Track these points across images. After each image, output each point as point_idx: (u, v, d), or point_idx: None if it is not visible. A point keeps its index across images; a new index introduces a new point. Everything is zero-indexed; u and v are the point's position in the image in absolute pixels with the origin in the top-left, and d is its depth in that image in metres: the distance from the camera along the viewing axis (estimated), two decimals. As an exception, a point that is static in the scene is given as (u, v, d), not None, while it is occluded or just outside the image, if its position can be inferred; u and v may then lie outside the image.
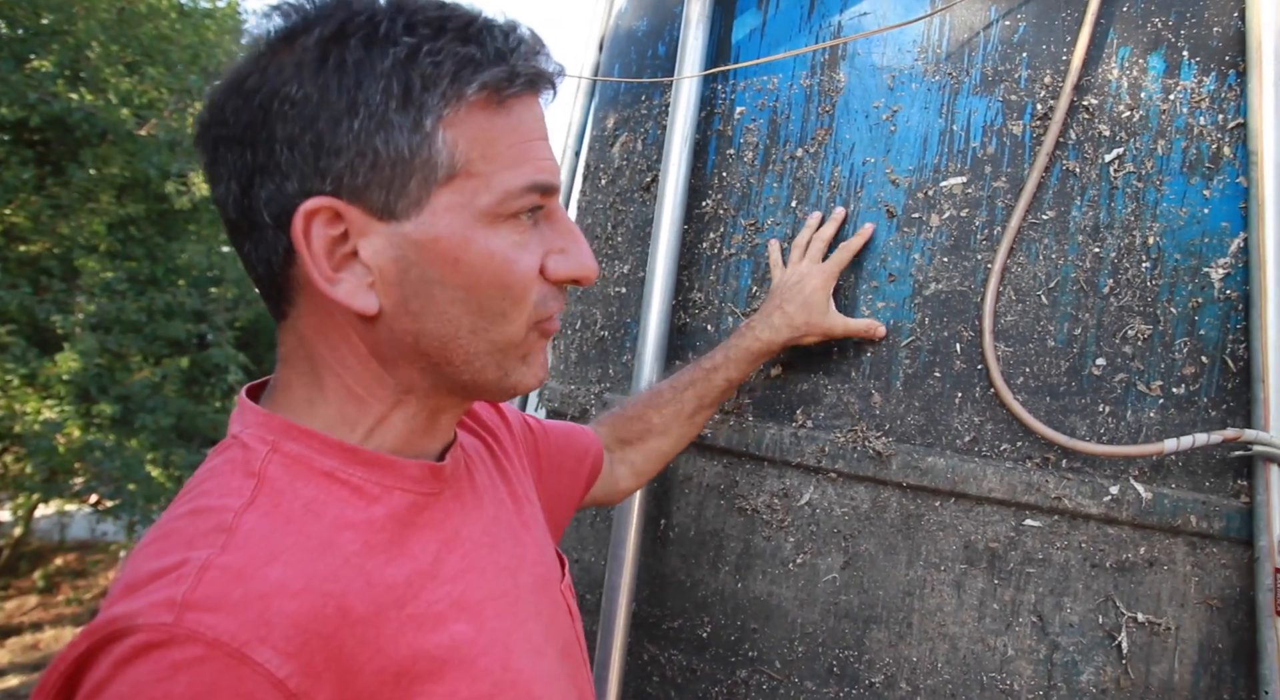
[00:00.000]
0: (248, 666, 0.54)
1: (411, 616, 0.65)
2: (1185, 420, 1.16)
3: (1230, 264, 1.18)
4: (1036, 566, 1.15)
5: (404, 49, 0.63)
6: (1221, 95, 1.19)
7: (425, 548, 0.69)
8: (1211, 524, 1.14)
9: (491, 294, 0.67)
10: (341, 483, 0.67)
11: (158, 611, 0.54)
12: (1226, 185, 1.19)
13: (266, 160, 0.64)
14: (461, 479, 0.78)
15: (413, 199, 0.64)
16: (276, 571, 0.59)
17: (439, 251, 0.65)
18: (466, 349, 0.68)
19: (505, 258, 0.67)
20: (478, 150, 0.65)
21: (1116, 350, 1.16)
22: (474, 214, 0.65)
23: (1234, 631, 1.14)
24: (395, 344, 0.68)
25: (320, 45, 0.63)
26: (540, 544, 0.86)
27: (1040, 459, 1.16)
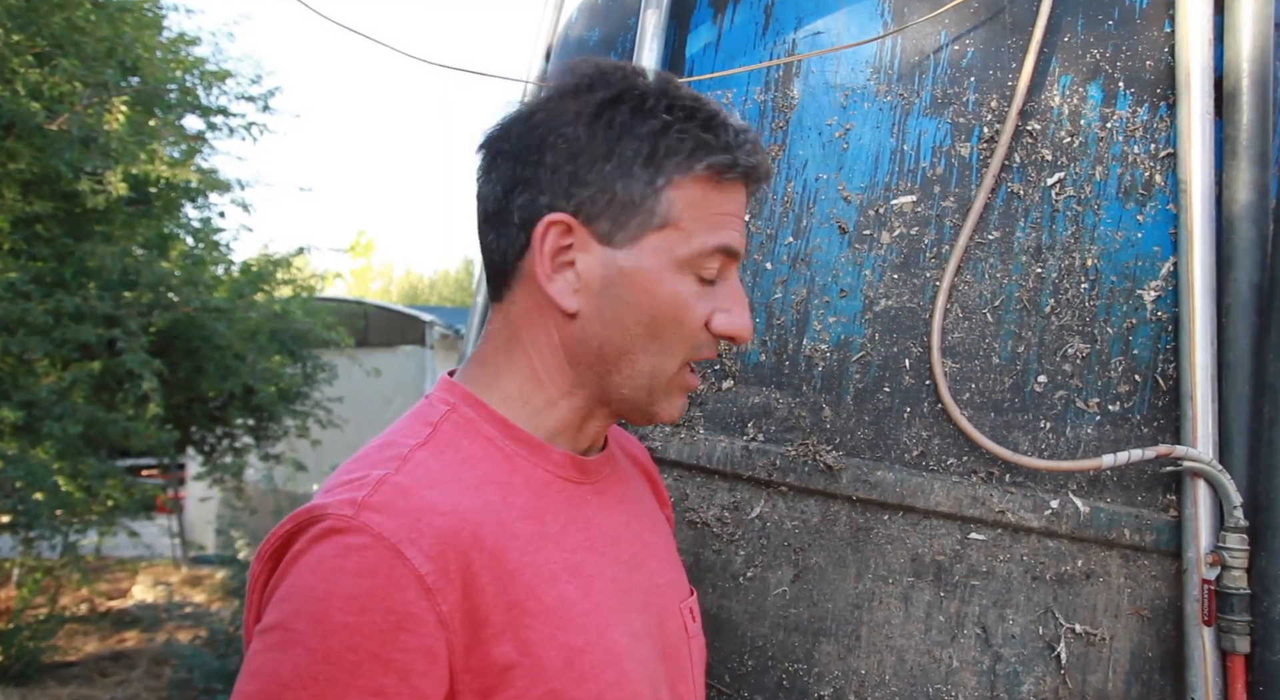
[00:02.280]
0: (399, 558, 0.70)
1: (530, 563, 0.77)
2: (1120, 436, 1.20)
3: (1161, 286, 1.23)
4: (981, 579, 1.17)
5: (659, 122, 0.81)
6: (1154, 125, 1.25)
7: (555, 518, 0.82)
8: (1143, 537, 1.18)
9: (667, 325, 0.82)
10: (498, 448, 0.84)
11: (343, 507, 0.72)
12: (1158, 211, 1.24)
13: (531, 176, 0.82)
14: (605, 480, 0.91)
15: (630, 235, 0.81)
16: (433, 495, 0.75)
17: (637, 280, 0.81)
18: (635, 364, 0.83)
19: (685, 300, 0.82)
20: (690, 212, 0.81)
21: (1057, 368, 1.20)
22: (672, 259, 0.81)
23: (1163, 641, 1.19)
24: (582, 344, 0.84)
25: (599, 103, 0.82)
26: (668, 561, 0.96)
27: (985, 473, 1.18)
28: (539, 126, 0.83)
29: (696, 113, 0.82)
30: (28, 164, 4.51)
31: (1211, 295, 1.20)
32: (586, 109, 0.82)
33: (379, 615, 0.68)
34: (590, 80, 0.84)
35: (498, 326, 0.89)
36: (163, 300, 5.27)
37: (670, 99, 0.82)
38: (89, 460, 4.70)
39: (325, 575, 0.70)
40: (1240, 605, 1.12)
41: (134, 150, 4.61)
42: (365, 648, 0.68)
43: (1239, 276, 1.21)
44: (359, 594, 0.68)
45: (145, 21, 5.91)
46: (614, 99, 0.82)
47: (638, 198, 0.81)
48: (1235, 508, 1.14)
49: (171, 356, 5.78)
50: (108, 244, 5.25)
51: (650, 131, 0.81)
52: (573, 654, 0.77)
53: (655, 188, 0.81)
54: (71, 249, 5.10)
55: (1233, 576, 1.12)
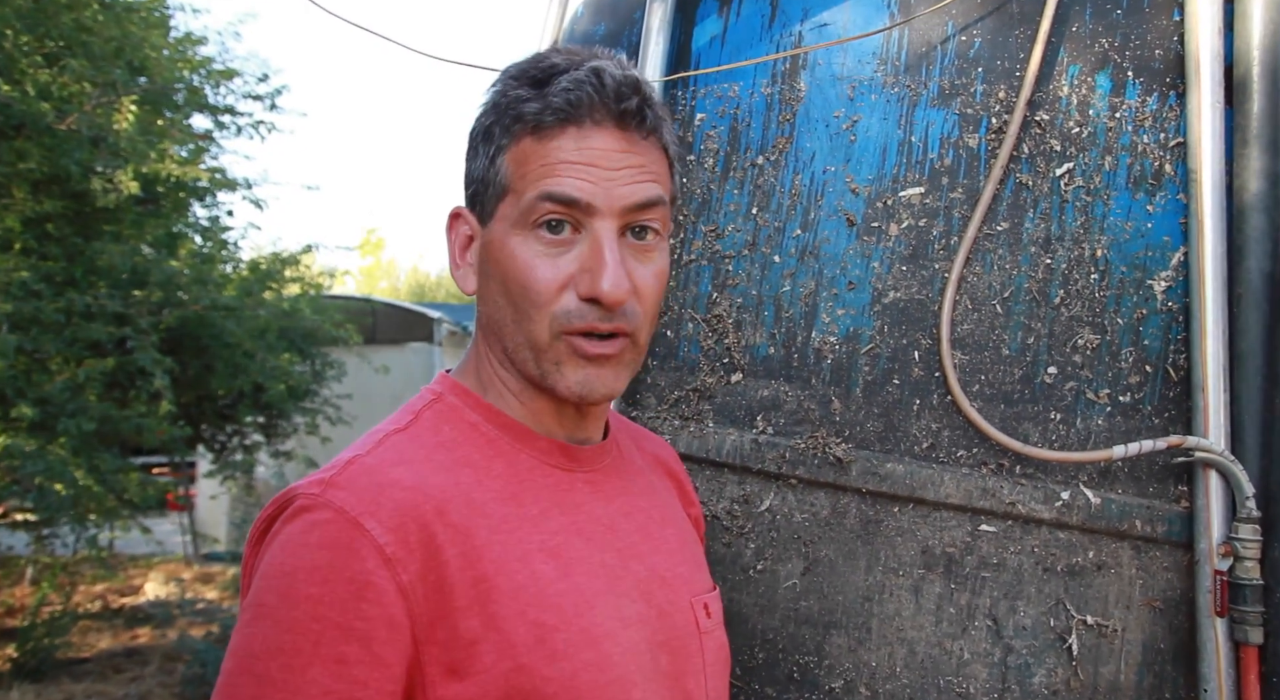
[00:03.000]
0: (359, 530, 0.73)
1: (500, 542, 0.78)
2: (1130, 427, 1.20)
3: (1171, 277, 1.22)
4: (991, 571, 1.17)
5: (493, 96, 0.86)
6: (1163, 114, 1.24)
7: (535, 501, 0.83)
8: (1155, 528, 1.18)
9: (517, 291, 0.82)
10: (480, 434, 0.86)
11: (313, 486, 0.76)
12: (1168, 201, 1.23)
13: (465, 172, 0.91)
14: (603, 470, 0.91)
15: (489, 211, 0.86)
16: (398, 472, 0.78)
17: (493, 252, 0.84)
18: (512, 337, 0.84)
19: (527, 263, 0.82)
20: (518, 171, 0.83)
21: (1067, 359, 1.20)
22: (511, 223, 0.83)
23: (1174, 632, 1.18)
24: (484, 321, 0.88)
25: (480, 118, 0.88)
26: (678, 554, 0.94)
27: (995, 465, 1.18)
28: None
29: (527, 73, 0.84)
30: (38, 163, 4.53)
31: (1223, 285, 1.20)
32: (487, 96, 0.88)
33: (340, 585, 0.71)
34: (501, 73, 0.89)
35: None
36: (172, 299, 5.29)
37: (520, 69, 0.86)
38: (104, 455, 4.73)
39: (293, 550, 0.73)
40: (1253, 596, 1.11)
41: (144, 149, 4.63)
42: (328, 617, 0.70)
43: (1250, 266, 1.20)
44: (321, 565, 0.71)
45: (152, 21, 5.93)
46: (482, 107, 0.88)
47: (486, 174, 0.85)
48: (1247, 498, 1.13)
49: (181, 354, 5.81)
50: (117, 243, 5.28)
51: (488, 107, 0.86)
52: (544, 631, 0.77)
53: (491, 159, 0.84)
54: (82, 248, 5.12)
55: (1245, 567, 1.12)
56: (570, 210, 0.81)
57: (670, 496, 1.01)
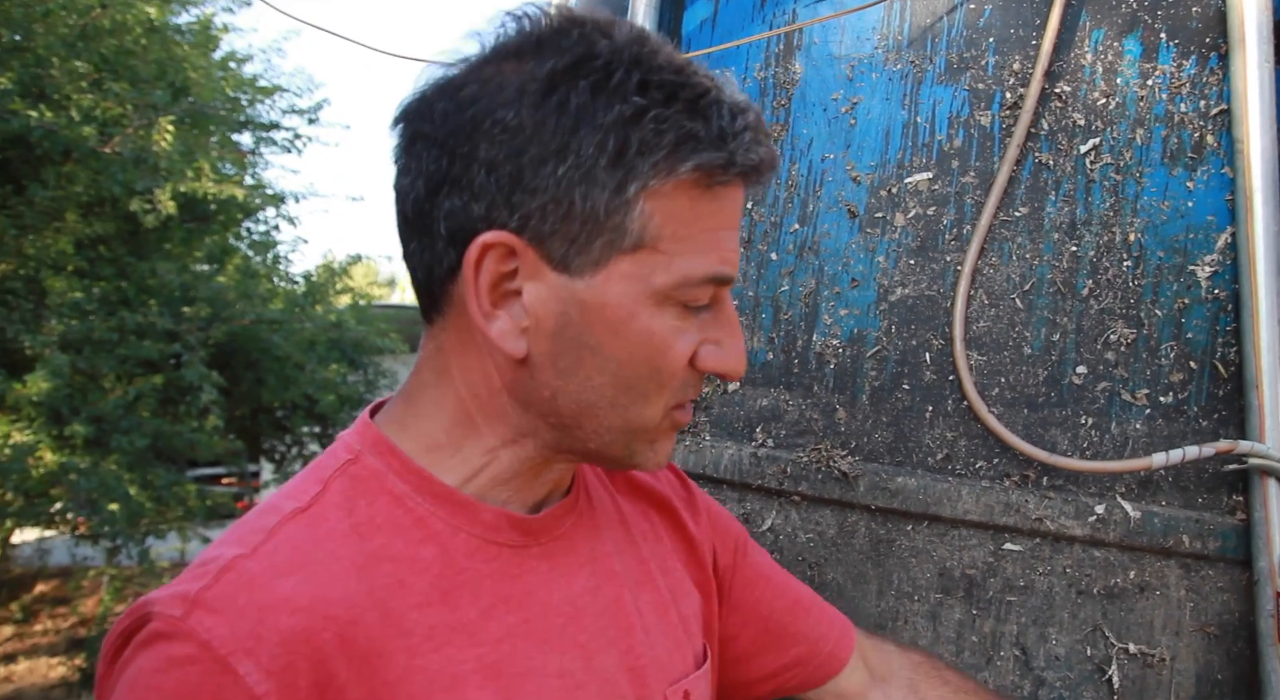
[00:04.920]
0: (229, 675, 0.55)
1: (423, 668, 0.61)
2: (1174, 431, 1.07)
3: (1218, 261, 1.09)
4: (1018, 594, 1.06)
5: (631, 108, 0.60)
6: (1203, 80, 1.11)
7: (475, 601, 0.65)
8: (1206, 544, 1.05)
9: (640, 372, 0.65)
10: (406, 510, 0.66)
11: (174, 603, 0.57)
12: (1211, 176, 1.10)
13: (461, 174, 0.63)
14: (566, 535, 0.73)
15: (592, 259, 0.62)
16: (288, 586, 0.59)
17: (602, 318, 0.63)
18: (601, 421, 0.66)
19: (663, 340, 0.64)
20: (670, 229, 0.62)
21: (1098, 357, 1.07)
22: (647, 290, 0.63)
23: (1234, 661, 1.05)
24: (532, 392, 0.66)
25: (549, 78, 0.61)
26: (658, 631, 0.76)
27: (1019, 477, 1.07)
28: (469, 103, 0.63)
29: (680, 91, 0.61)
30: (85, 186, 4.63)
31: (1276, 268, 1.06)
32: (531, 84, 0.61)
33: None
34: (536, 39, 0.63)
35: (428, 354, 0.71)
36: (221, 313, 5.37)
37: (645, 71, 0.61)
38: (158, 471, 4.82)
39: (142, 696, 0.56)
40: (1321, 621, 0.98)
41: (181, 168, 4.70)
42: None
43: (1309, 245, 1.07)
44: None
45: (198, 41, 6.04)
46: (569, 70, 0.61)
47: (602, 210, 0.61)
48: (1311, 509, 1.00)
49: (234, 368, 5.90)
50: (168, 262, 5.38)
51: (618, 119, 0.60)
52: None
53: (625, 197, 0.61)
54: (134, 267, 5.23)
55: (1311, 588, 0.99)
56: (722, 287, 0.67)
57: (658, 543, 0.83)
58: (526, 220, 0.62)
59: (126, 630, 0.59)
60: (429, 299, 0.69)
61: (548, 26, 0.64)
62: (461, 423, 0.69)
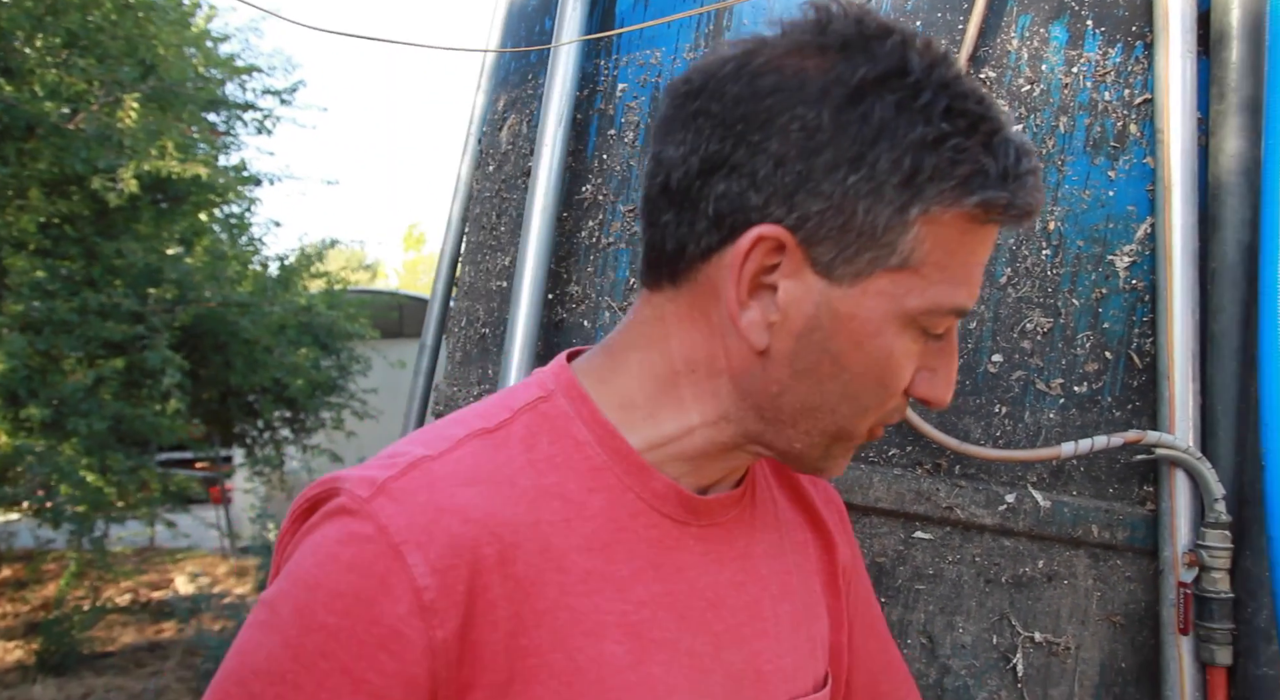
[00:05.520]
0: (399, 562, 0.59)
1: (571, 607, 0.64)
2: (1087, 421, 1.07)
3: (1136, 251, 1.09)
4: (927, 583, 1.05)
5: (934, 132, 0.61)
6: (1128, 68, 1.10)
7: (629, 560, 0.67)
8: (1115, 534, 1.05)
9: (869, 387, 0.66)
10: (585, 457, 0.68)
11: (363, 485, 0.62)
12: (1133, 166, 1.10)
13: (745, 161, 0.63)
14: (727, 525, 0.73)
15: (856, 270, 0.63)
16: (465, 495, 0.63)
17: (850, 328, 0.64)
18: (817, 423, 0.67)
19: (898, 361, 0.65)
20: (937, 256, 0.63)
21: (1014, 345, 1.07)
22: (898, 310, 0.64)
23: (1138, 650, 1.05)
24: (757, 384, 0.67)
25: (858, 85, 0.61)
26: (790, 642, 0.77)
27: (931, 465, 1.06)
28: (768, 93, 0.62)
29: (980, 124, 0.62)
30: (48, 164, 4.56)
31: (1194, 260, 1.06)
32: (837, 88, 0.61)
33: (362, 625, 0.59)
34: (844, 39, 0.63)
35: (645, 318, 0.70)
36: (189, 294, 5.31)
37: (952, 96, 0.61)
38: (117, 455, 4.76)
39: (320, 560, 0.61)
40: (1221, 612, 0.98)
41: (145, 147, 4.63)
42: (339, 657, 0.59)
43: (1226, 237, 1.07)
44: (346, 593, 0.59)
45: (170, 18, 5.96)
46: (878, 80, 0.61)
47: (880, 226, 0.61)
48: (1216, 501, 1.00)
49: (202, 351, 5.84)
50: (136, 242, 5.31)
51: (918, 140, 0.60)
52: None
53: (906, 218, 0.61)
54: (101, 248, 5.16)
55: (1212, 579, 0.99)
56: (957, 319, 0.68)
57: (804, 558, 0.83)
58: (804, 221, 0.62)
59: (315, 498, 0.64)
60: (668, 268, 0.68)
61: (858, 30, 0.63)
62: (666, 392, 0.69)
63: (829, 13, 0.64)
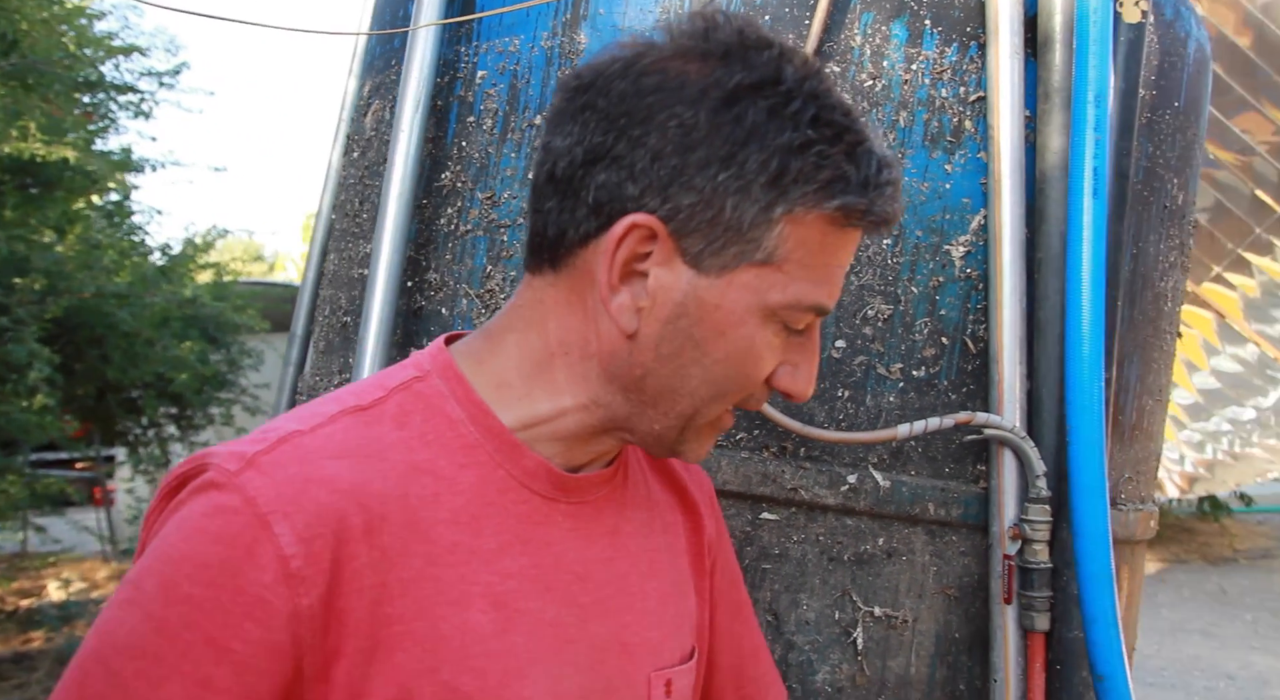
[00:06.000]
0: (266, 532, 0.61)
1: (436, 578, 0.66)
2: (925, 404, 1.12)
3: (971, 242, 1.14)
4: (773, 562, 1.08)
5: (800, 138, 0.65)
6: (964, 67, 1.15)
7: (496, 533, 0.70)
8: (950, 511, 1.10)
9: (730, 374, 0.70)
10: (458, 435, 0.70)
11: (231, 459, 0.63)
12: (968, 160, 1.15)
13: (625, 154, 0.67)
14: (596, 503, 0.77)
15: (722, 262, 0.67)
16: (334, 468, 0.65)
17: (714, 318, 0.68)
18: (677, 405, 0.71)
19: (758, 352, 0.70)
20: (799, 254, 0.68)
21: (857, 331, 1.11)
22: (761, 303, 0.68)
23: (971, 620, 1.11)
24: (624, 367, 0.70)
25: (733, 90, 0.66)
26: (656, 616, 0.79)
27: (777, 448, 1.09)
28: (650, 92, 0.66)
29: (845, 135, 0.67)
30: (-103, 145, 4.24)
31: (1021, 250, 1.12)
32: (715, 91, 0.65)
33: (227, 594, 0.60)
34: (725, 47, 0.67)
35: (524, 301, 0.74)
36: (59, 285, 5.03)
37: (820, 107, 0.66)
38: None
39: (187, 534, 0.62)
40: (1040, 581, 1.04)
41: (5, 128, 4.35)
42: (203, 627, 0.60)
43: (1050, 229, 1.13)
44: (211, 564, 0.61)
45: None
46: (753, 87, 0.65)
47: (747, 222, 0.66)
48: (1038, 477, 1.06)
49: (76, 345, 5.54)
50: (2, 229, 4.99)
51: (786, 145, 0.65)
52: (454, 698, 0.65)
53: (771, 217, 0.66)
54: (-40, 235, 4.83)
55: (1034, 550, 1.05)
56: (818, 318, 0.73)
57: (675, 538, 0.86)
58: (676, 213, 0.66)
59: (184, 475, 0.65)
60: (549, 254, 0.72)
61: (739, 39, 0.68)
62: (541, 373, 0.72)
63: (715, 21, 0.69)
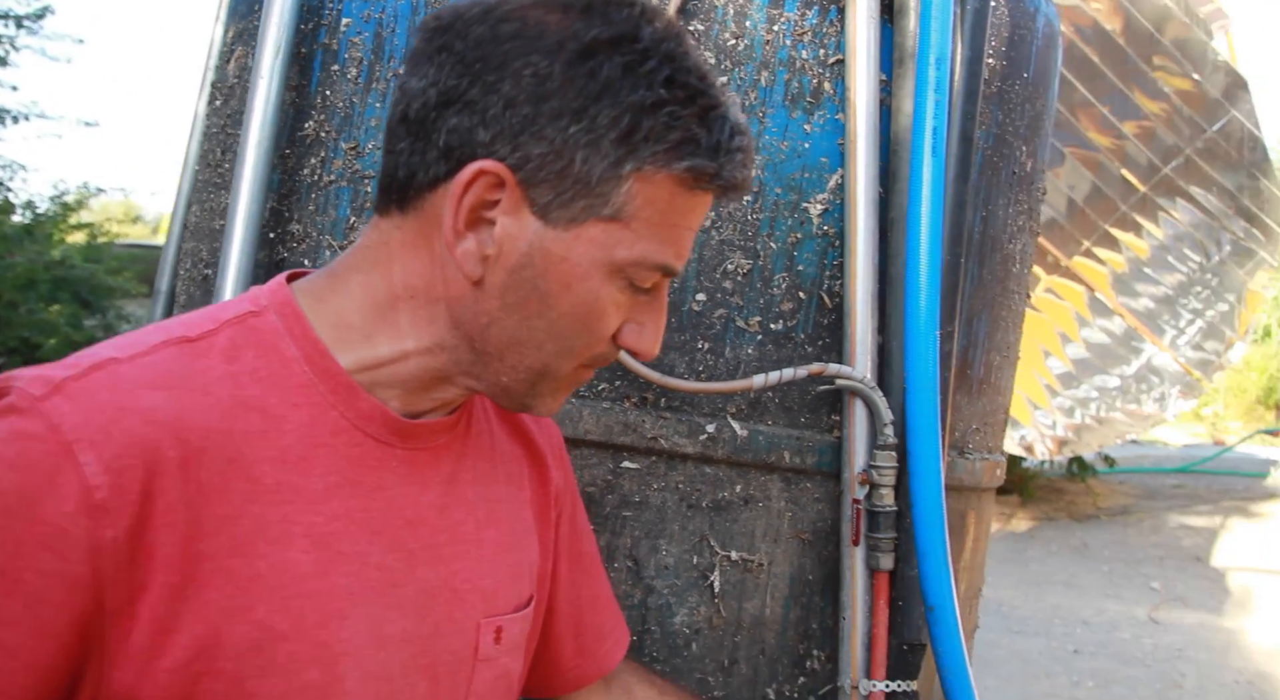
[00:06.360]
0: (69, 460, 0.59)
1: (256, 515, 0.64)
2: (782, 356, 1.16)
3: (828, 200, 1.18)
4: (633, 510, 1.11)
5: (653, 97, 0.66)
6: (823, 29, 1.18)
7: (325, 475, 0.69)
8: (805, 459, 1.15)
9: (575, 329, 0.71)
10: (290, 373, 0.69)
11: (36, 383, 0.61)
12: (826, 121, 1.18)
13: (478, 99, 0.67)
14: (436, 450, 0.76)
15: (569, 216, 0.68)
16: (151, 398, 0.62)
17: (560, 271, 0.68)
18: (524, 358, 0.71)
19: (603, 307, 0.70)
20: (646, 213, 0.69)
21: (717, 286, 1.14)
22: (607, 258, 0.69)
23: (823, 563, 1.17)
24: (470, 314, 0.70)
25: (590, 43, 0.66)
26: (490, 565, 0.79)
27: (638, 398, 1.12)
28: (508, 39, 0.66)
29: (699, 98, 0.67)
30: None
31: (875, 209, 1.17)
32: (571, 43, 0.66)
33: (21, 523, 0.58)
34: (587, 1, 0.68)
35: (371, 242, 0.73)
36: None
37: (674, 68, 0.67)
38: None
39: None
40: (886, 523, 1.10)
41: None
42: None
43: (901, 189, 1.18)
44: (7, 491, 0.58)
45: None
46: (610, 42, 0.66)
47: (595, 176, 0.67)
48: (886, 425, 1.11)
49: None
50: None
51: (638, 103, 0.66)
52: (267, 638, 0.64)
53: (620, 173, 0.67)
54: None
55: (880, 495, 1.11)
56: (665, 278, 0.74)
57: (519, 490, 0.86)
58: (525, 162, 0.66)
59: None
60: (398, 195, 0.71)
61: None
62: (384, 315, 0.72)
63: None
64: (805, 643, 1.16)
